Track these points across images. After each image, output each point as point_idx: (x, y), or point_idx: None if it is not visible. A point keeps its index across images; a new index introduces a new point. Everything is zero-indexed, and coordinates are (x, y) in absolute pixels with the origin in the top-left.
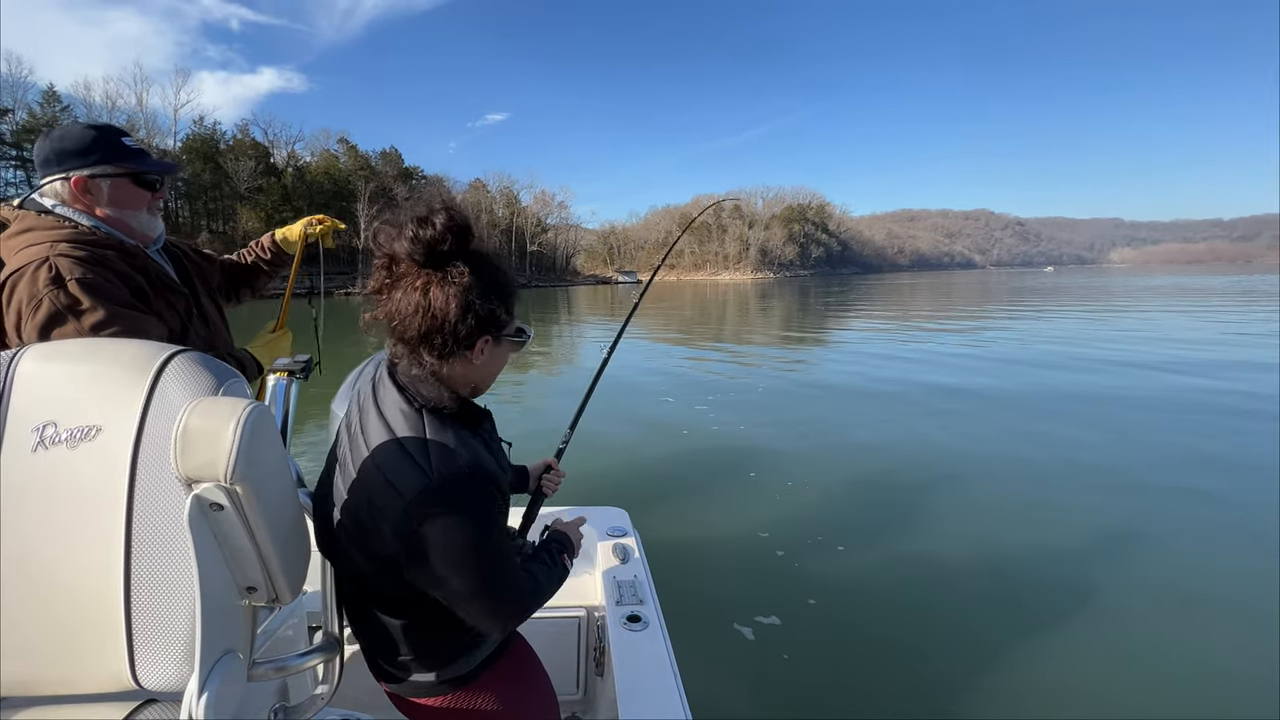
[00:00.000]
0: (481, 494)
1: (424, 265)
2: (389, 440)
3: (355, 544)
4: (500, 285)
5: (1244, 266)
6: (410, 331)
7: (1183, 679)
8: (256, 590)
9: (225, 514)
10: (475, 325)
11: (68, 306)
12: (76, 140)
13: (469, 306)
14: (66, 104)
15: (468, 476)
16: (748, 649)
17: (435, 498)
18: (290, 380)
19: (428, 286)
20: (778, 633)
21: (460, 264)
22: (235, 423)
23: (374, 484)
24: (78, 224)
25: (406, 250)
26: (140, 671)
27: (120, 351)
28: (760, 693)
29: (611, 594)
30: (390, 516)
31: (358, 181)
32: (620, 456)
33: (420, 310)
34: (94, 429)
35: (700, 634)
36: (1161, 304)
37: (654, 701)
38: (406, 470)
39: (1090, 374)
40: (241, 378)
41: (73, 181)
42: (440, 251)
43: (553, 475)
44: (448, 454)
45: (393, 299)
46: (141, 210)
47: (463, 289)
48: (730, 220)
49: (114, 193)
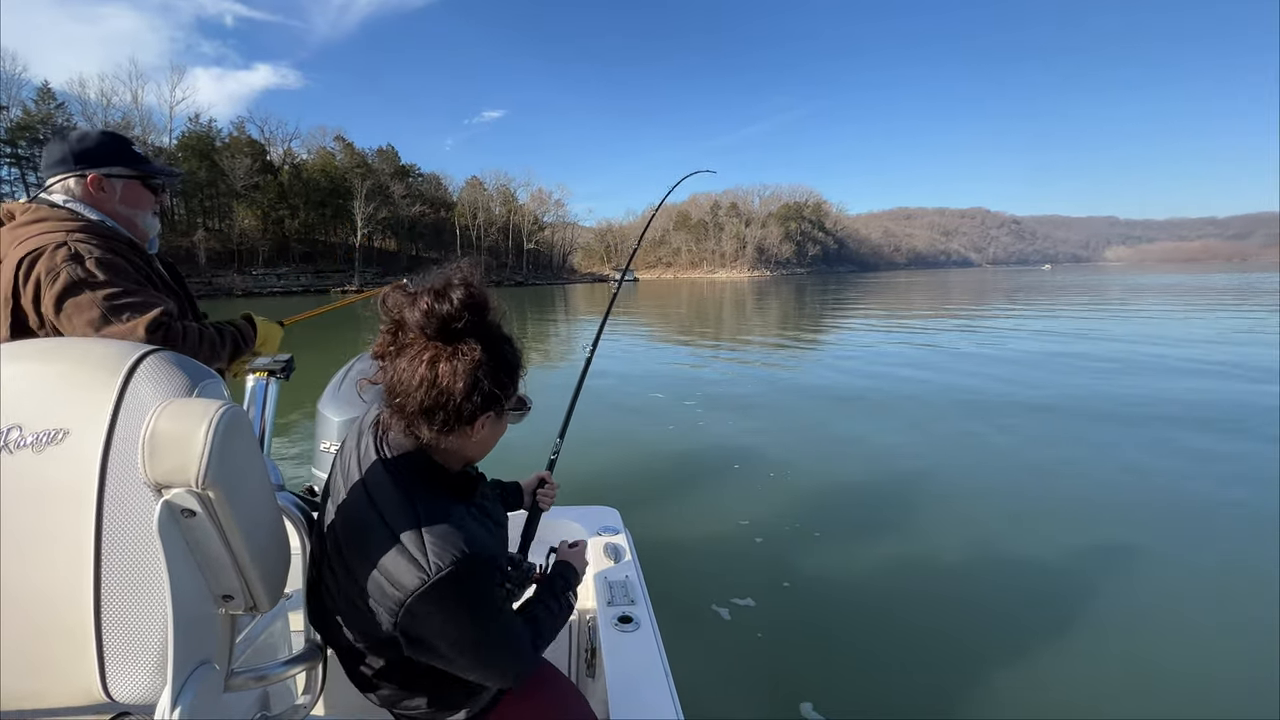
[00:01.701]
0: (480, 580)
1: (433, 338)
2: (382, 530)
3: (350, 624)
4: (509, 363)
5: (1239, 265)
6: (411, 405)
7: (1174, 678)
8: (233, 598)
9: (198, 520)
10: (480, 403)
11: (84, 279)
12: (95, 143)
13: (476, 385)
14: (61, 101)
15: (466, 567)
16: (740, 645)
17: (434, 593)
18: (270, 380)
19: (436, 360)
20: (773, 628)
21: (472, 340)
22: (207, 424)
23: (369, 575)
24: (88, 219)
25: (418, 321)
26: (112, 684)
27: (90, 351)
28: (753, 691)
29: (603, 594)
30: (388, 607)
31: (354, 179)
32: (611, 454)
33: (425, 384)
34: (61, 432)
35: (692, 632)
36: (1176, 302)
37: (645, 703)
38: (404, 567)
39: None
40: (218, 378)
41: (89, 179)
42: (454, 328)
43: (547, 489)
44: (444, 545)
45: (396, 367)
46: (147, 211)
47: (472, 366)
48: (727, 218)
49: (126, 192)
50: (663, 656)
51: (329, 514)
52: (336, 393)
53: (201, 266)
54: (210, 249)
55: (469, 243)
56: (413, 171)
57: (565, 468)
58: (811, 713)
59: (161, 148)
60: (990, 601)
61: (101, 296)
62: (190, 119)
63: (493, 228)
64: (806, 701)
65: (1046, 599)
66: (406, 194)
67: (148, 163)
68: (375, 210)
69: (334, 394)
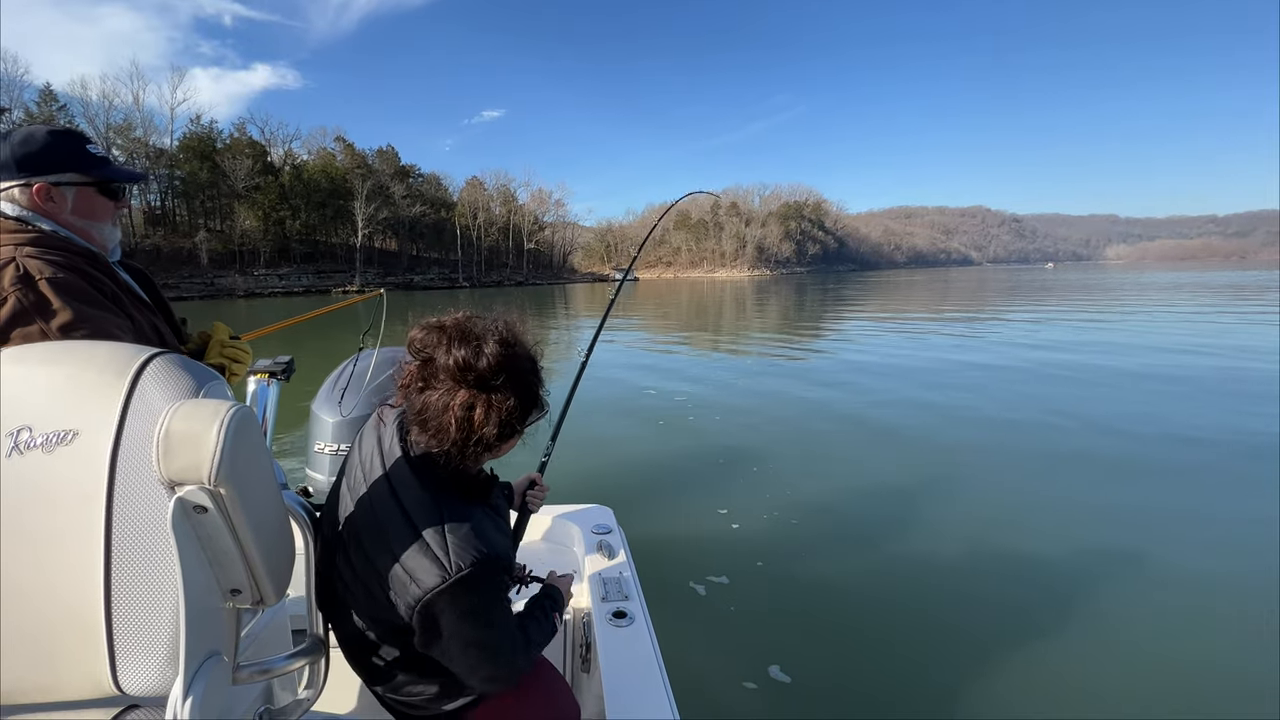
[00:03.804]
0: (495, 581)
1: (468, 386)
2: (406, 526)
3: (365, 613)
4: (536, 396)
5: (1238, 263)
6: (444, 438)
7: (1169, 674)
8: (241, 592)
9: (209, 516)
10: (509, 434)
11: (35, 305)
12: (39, 146)
13: (508, 424)
14: (63, 103)
15: (484, 569)
16: (733, 637)
17: (452, 590)
18: (271, 381)
19: (471, 405)
20: (748, 602)
21: (505, 391)
22: (219, 424)
23: (389, 567)
24: (41, 229)
25: (451, 369)
26: (122, 677)
27: (95, 354)
28: (747, 682)
29: (597, 591)
30: (406, 600)
31: (355, 180)
32: (604, 453)
33: (459, 424)
34: (71, 433)
35: (685, 616)
36: (1190, 301)
37: (640, 697)
38: (426, 564)
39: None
40: (221, 379)
41: (35, 189)
42: (489, 383)
43: (537, 491)
44: (464, 546)
45: (425, 398)
46: (105, 222)
47: (506, 413)
48: (727, 218)
49: (79, 202)
50: (656, 650)
51: (344, 501)
52: (330, 395)
53: (203, 267)
54: (212, 250)
55: (469, 243)
56: (413, 172)
57: (560, 468)
58: (779, 674)
59: (163, 149)
60: (953, 582)
61: (56, 327)
62: (191, 120)
63: (493, 228)
64: (806, 696)
65: (999, 573)
66: (407, 194)
67: (107, 165)
68: (376, 211)
69: (328, 396)
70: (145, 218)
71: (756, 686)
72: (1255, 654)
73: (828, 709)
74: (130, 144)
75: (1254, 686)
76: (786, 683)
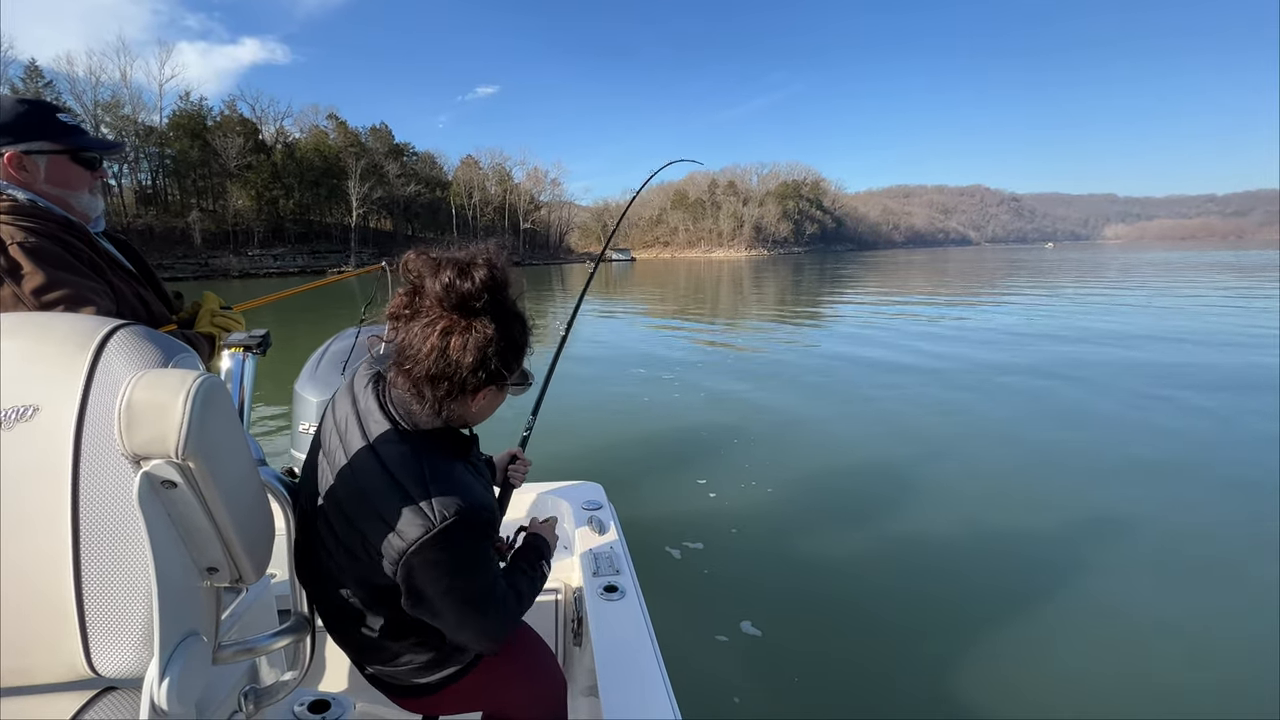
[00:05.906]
0: (479, 534)
1: (449, 310)
2: (388, 482)
3: (349, 575)
4: (518, 344)
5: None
6: (419, 370)
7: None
8: (218, 571)
9: (179, 491)
10: (484, 378)
11: (6, 269)
12: (7, 116)
13: (484, 361)
14: (50, 79)
15: (467, 520)
16: (707, 596)
17: (437, 542)
18: (246, 356)
19: (449, 332)
20: (739, 578)
21: (487, 319)
22: (185, 394)
23: (372, 525)
24: (14, 198)
25: (437, 293)
26: (96, 659)
27: (55, 326)
28: (720, 635)
29: (589, 566)
30: (391, 555)
31: (348, 158)
32: (593, 430)
33: (435, 352)
34: (31, 409)
35: (664, 588)
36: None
37: (632, 668)
38: (410, 516)
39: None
40: (191, 352)
41: (6, 157)
42: (471, 305)
43: (519, 465)
44: (448, 498)
45: (409, 330)
46: (82, 191)
47: (482, 344)
48: (725, 197)
49: (52, 171)
50: (648, 622)
51: (321, 469)
52: (314, 374)
53: (197, 247)
54: (205, 230)
55: (465, 223)
56: (407, 150)
57: (550, 445)
58: (750, 628)
59: (153, 127)
60: (917, 551)
61: (29, 290)
62: (181, 97)
63: (489, 207)
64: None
65: (968, 543)
66: (401, 173)
67: (80, 134)
68: (370, 190)
69: (311, 375)
70: (137, 197)
71: (728, 640)
72: (1256, 653)
73: (794, 663)
74: (119, 121)
75: (1254, 686)
76: (757, 636)
